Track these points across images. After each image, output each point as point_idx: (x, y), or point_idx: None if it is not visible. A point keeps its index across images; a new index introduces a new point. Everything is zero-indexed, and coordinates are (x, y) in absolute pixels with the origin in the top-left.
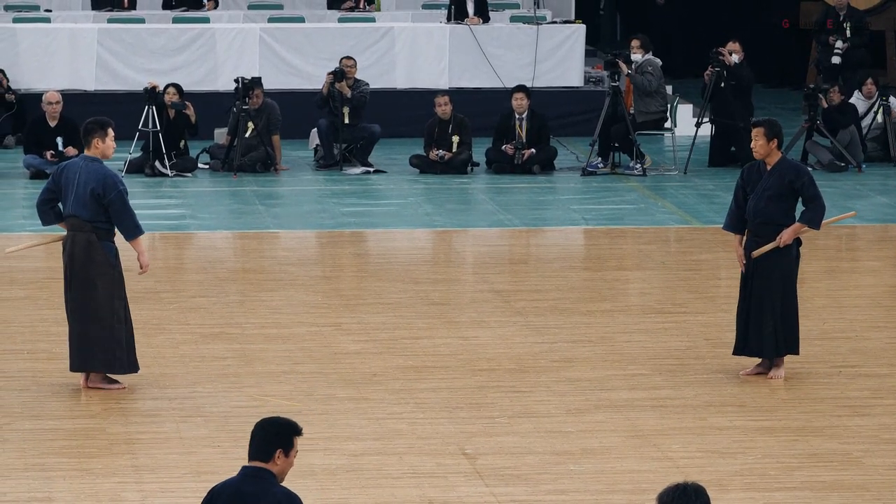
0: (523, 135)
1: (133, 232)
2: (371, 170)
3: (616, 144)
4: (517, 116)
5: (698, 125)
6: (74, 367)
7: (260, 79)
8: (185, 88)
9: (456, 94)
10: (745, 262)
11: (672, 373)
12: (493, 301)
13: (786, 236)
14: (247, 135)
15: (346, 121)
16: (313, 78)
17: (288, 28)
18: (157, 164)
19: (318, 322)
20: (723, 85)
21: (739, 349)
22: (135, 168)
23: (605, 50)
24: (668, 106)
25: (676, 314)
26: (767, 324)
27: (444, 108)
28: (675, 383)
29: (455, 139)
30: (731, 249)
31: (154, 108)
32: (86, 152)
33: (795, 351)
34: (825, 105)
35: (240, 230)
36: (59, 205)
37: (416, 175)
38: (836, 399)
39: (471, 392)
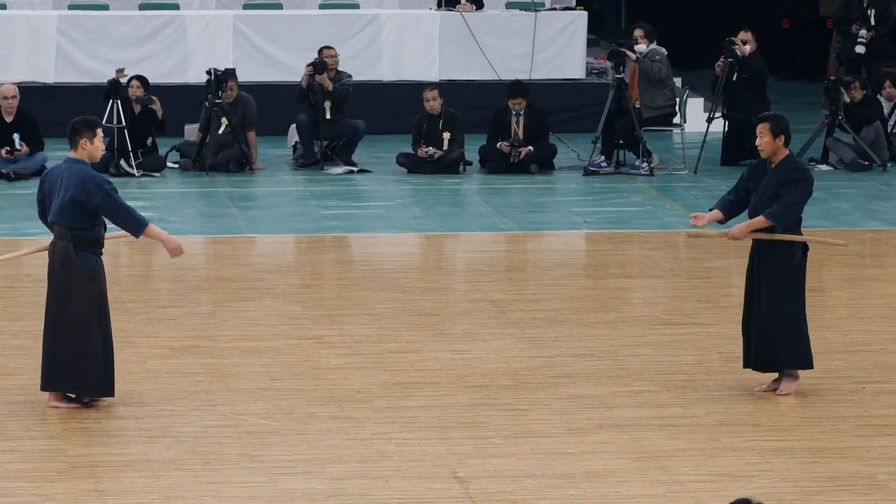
0: (520, 131)
1: (137, 228)
2: (354, 169)
3: (620, 141)
4: (513, 112)
5: (710, 120)
6: (43, 386)
7: (234, 70)
8: (153, 80)
9: (446, 87)
10: (695, 223)
11: (681, 389)
12: (487, 311)
13: (735, 230)
14: (220, 131)
15: (328, 116)
16: (292, 69)
17: (264, 15)
18: (122, 162)
19: (297, 335)
20: (735, 77)
21: (746, 361)
22: (98, 167)
23: (608, 39)
24: (677, 100)
25: (686, 326)
26: (772, 335)
27: (433, 102)
28: (685, 401)
29: (446, 136)
30: (743, 256)
31: (119, 101)
32: (71, 154)
33: (809, 365)
34: (847, 100)
35: (212, 234)
36: None
37: (404, 175)
38: (858, 418)
39: (463, 410)
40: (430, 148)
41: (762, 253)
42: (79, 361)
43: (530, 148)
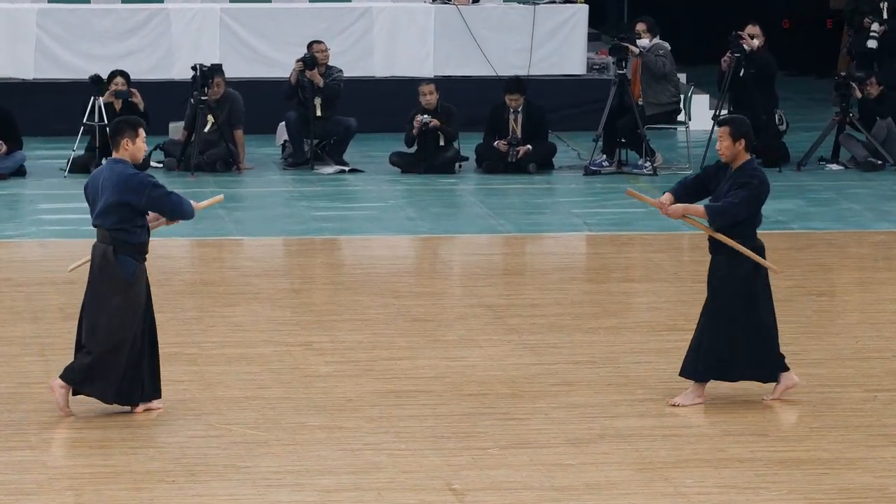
0: (518, 129)
1: (188, 213)
2: (346, 169)
3: (623, 140)
4: (511, 109)
5: (716, 118)
6: (64, 377)
7: (220, 66)
8: (136, 76)
9: (441, 83)
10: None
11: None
12: (483, 317)
13: (672, 208)
14: (206, 129)
15: (318, 113)
16: (280, 65)
17: (252, 9)
18: (104, 162)
19: (286, 341)
20: (742, 73)
21: (683, 371)
22: (79, 167)
23: (610, 33)
24: (682, 96)
25: (690, 332)
26: (719, 345)
27: (429, 96)
28: (689, 410)
29: (442, 137)
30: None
31: (101, 98)
32: (114, 154)
33: (771, 378)
34: (858, 96)
35: (198, 237)
36: None
37: (397, 175)
38: (870, 427)
39: (459, 420)
40: (426, 115)
41: (718, 265)
42: (106, 367)
43: (529, 147)
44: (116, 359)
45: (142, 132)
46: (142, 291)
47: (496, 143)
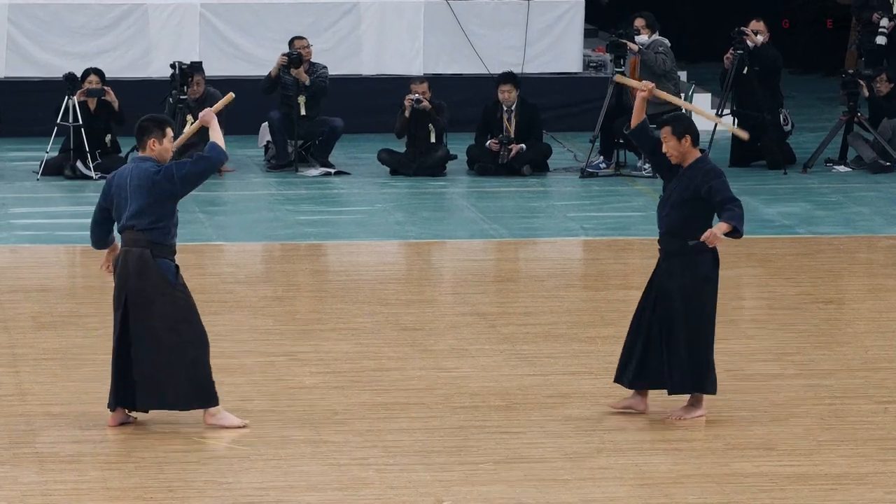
0: (511, 129)
1: (221, 156)
2: (332, 171)
3: (621, 141)
4: (504, 108)
5: (718, 117)
6: (143, 406)
7: (200, 64)
8: (112, 75)
9: (431, 82)
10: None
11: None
12: (475, 326)
13: (710, 235)
14: (185, 130)
15: (303, 113)
16: (263, 63)
17: (234, 4)
18: (78, 164)
19: (269, 351)
20: (746, 70)
21: (618, 377)
22: (52, 170)
23: (607, 29)
24: (683, 95)
25: None
26: (664, 355)
27: (422, 95)
28: (691, 422)
29: (433, 131)
30: (758, 265)
31: (75, 98)
32: (139, 153)
33: (708, 390)
34: (866, 94)
35: (177, 242)
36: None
37: (385, 177)
38: (881, 440)
39: (450, 433)
40: (417, 95)
41: (671, 267)
42: (166, 375)
43: (522, 146)
44: (173, 364)
45: (169, 132)
46: (187, 291)
47: (488, 142)
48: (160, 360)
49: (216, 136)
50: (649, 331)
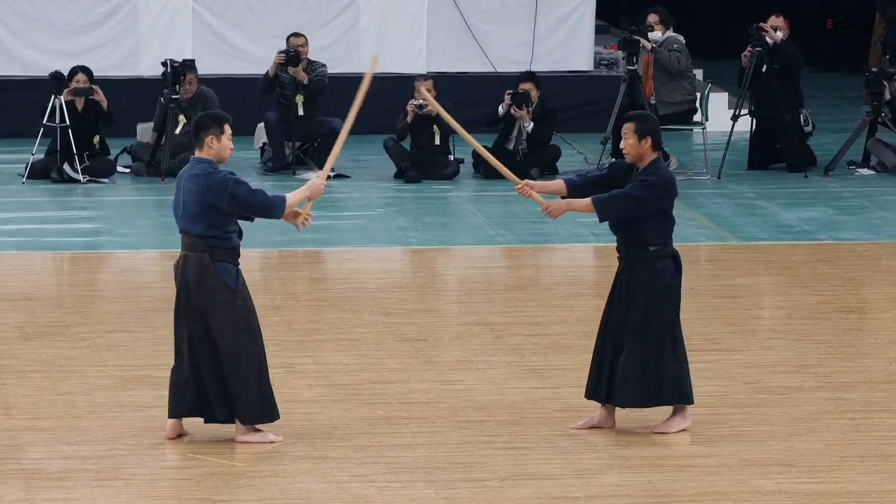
0: (525, 131)
1: (277, 209)
2: (331, 174)
3: None
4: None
5: (735, 118)
6: (218, 417)
7: (193, 62)
8: (100, 73)
9: (435, 80)
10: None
11: (703, 424)
12: (482, 336)
13: (553, 205)
14: (177, 131)
15: (300, 113)
16: (259, 61)
17: None
18: (65, 167)
19: None
20: (765, 69)
21: (590, 392)
22: (38, 172)
23: (619, 26)
24: (698, 94)
25: (708, 352)
26: (624, 366)
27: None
28: (707, 438)
29: (438, 133)
30: (777, 272)
31: (62, 97)
32: (196, 153)
33: (680, 400)
34: (888, 97)
35: (168, 249)
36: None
37: (387, 181)
38: None
39: (455, 449)
40: (420, 101)
41: (632, 274)
42: (233, 387)
43: (530, 123)
44: (240, 374)
45: (227, 128)
46: (249, 298)
47: (513, 110)
48: (215, 373)
49: (296, 196)
50: (605, 341)
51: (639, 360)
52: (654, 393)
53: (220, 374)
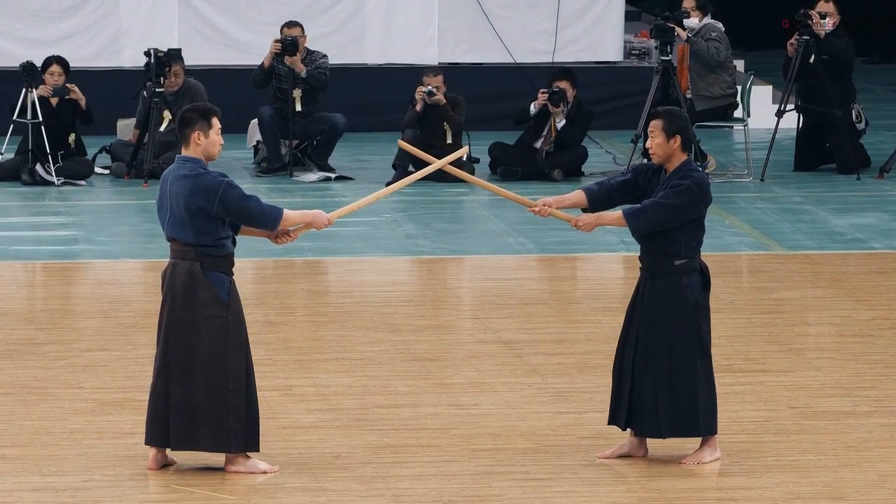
0: (554, 132)
1: (271, 221)
2: (332, 176)
3: None
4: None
5: (780, 114)
6: (174, 445)
7: (179, 51)
8: (77, 65)
9: (447, 72)
10: (536, 208)
11: (744, 453)
12: (499, 356)
13: (584, 220)
14: (161, 128)
15: (298, 108)
16: (252, 50)
17: None
18: (38, 167)
19: (259, 385)
20: (813, 59)
21: (612, 417)
22: (8, 174)
23: (651, 12)
24: (739, 88)
25: (750, 373)
26: (650, 392)
27: (436, 94)
28: (749, 468)
29: (449, 130)
30: (827, 285)
31: (34, 91)
32: (183, 151)
33: (700, 432)
34: None
35: (151, 259)
36: None
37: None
38: None
39: (469, 480)
40: (430, 87)
41: (649, 284)
42: (220, 411)
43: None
44: (227, 398)
45: (216, 122)
46: (241, 312)
47: (538, 100)
48: (201, 395)
49: (295, 216)
50: (624, 361)
51: (662, 386)
52: (683, 423)
53: (205, 396)
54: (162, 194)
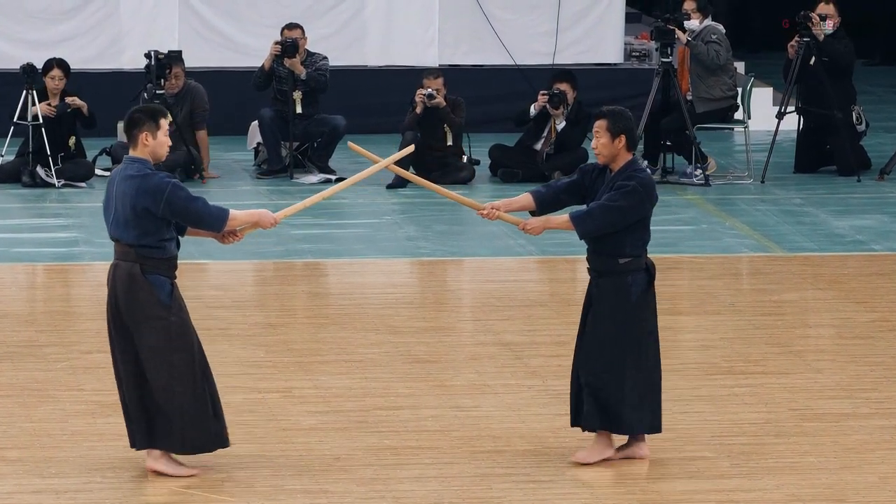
0: (554, 134)
1: (218, 222)
2: (332, 178)
3: (668, 143)
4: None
5: (780, 116)
6: (140, 444)
7: (180, 53)
8: (77, 66)
9: (448, 74)
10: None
11: (745, 455)
12: (499, 357)
13: (531, 224)
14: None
15: (299, 110)
16: (252, 52)
17: None
18: (38, 169)
19: (259, 387)
20: (813, 61)
21: (573, 419)
22: (8, 176)
23: (652, 14)
24: (739, 90)
25: (751, 375)
26: (583, 385)
27: (436, 96)
28: (750, 470)
29: (449, 132)
30: (827, 287)
31: (35, 93)
32: (131, 152)
33: (624, 430)
34: None
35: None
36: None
37: (395, 185)
38: None
39: (470, 482)
40: (431, 90)
41: (600, 288)
42: (167, 414)
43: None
44: (174, 400)
45: (164, 123)
46: (185, 314)
47: (538, 101)
48: (149, 398)
49: (242, 216)
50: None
51: (592, 380)
52: (607, 418)
53: (148, 397)
54: (108, 194)
